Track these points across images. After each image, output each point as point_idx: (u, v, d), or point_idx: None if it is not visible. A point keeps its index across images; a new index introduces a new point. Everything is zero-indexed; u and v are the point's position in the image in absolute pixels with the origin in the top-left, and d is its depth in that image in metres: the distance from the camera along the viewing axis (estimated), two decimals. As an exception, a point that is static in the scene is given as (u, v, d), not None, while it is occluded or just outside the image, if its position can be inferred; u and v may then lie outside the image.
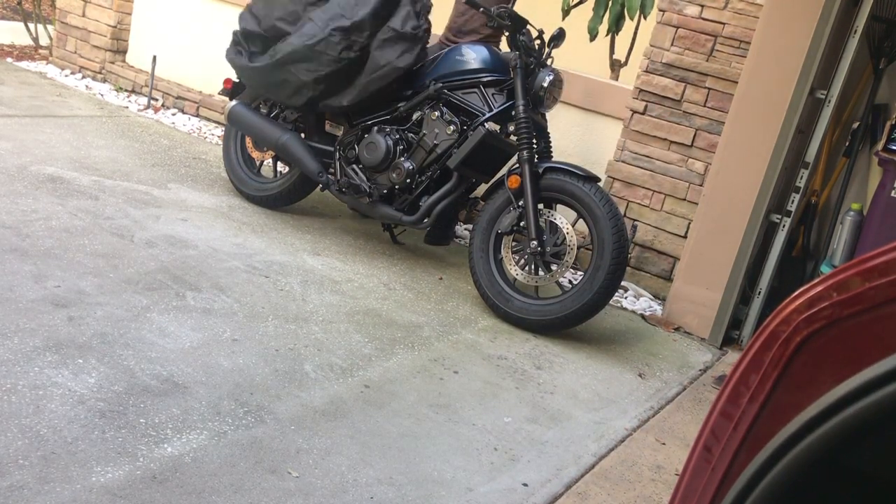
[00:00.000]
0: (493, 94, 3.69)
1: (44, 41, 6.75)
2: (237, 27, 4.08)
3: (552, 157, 3.74)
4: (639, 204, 4.30)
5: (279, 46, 3.80)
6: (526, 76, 3.58)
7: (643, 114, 4.23)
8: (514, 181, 3.53)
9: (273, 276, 3.35)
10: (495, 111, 3.65)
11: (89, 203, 3.64)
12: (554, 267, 3.50)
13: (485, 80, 3.70)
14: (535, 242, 3.45)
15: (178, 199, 3.98)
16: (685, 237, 4.13)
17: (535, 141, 3.57)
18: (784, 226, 3.80)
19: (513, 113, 3.58)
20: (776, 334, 0.94)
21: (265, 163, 4.39)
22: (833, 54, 3.64)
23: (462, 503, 2.18)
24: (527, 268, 3.53)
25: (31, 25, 6.72)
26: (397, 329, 3.15)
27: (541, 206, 3.52)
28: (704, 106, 4.10)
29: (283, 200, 4.20)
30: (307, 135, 4.14)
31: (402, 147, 3.80)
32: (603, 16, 4.22)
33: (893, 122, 3.80)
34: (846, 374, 0.80)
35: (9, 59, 6.26)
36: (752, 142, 3.69)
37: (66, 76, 6.18)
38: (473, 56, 3.75)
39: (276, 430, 2.29)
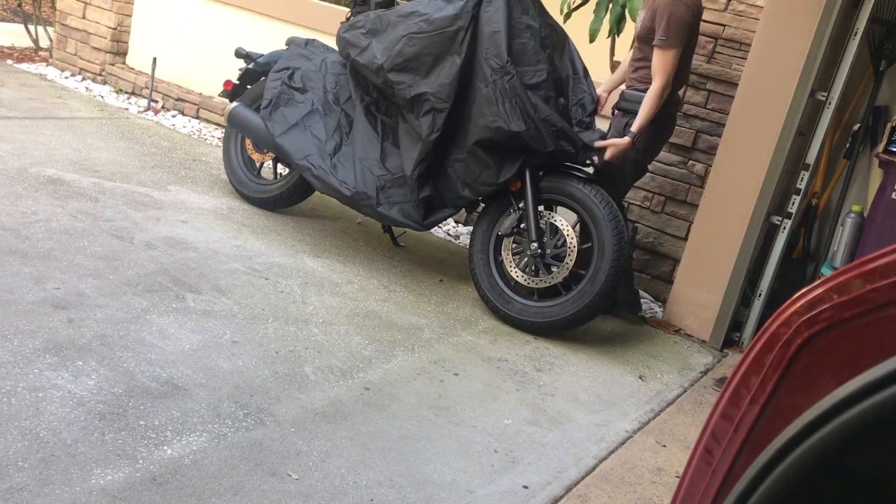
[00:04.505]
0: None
1: (44, 43, 6.75)
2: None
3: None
4: (639, 206, 4.30)
5: None
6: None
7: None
8: (514, 183, 3.53)
9: (273, 277, 3.35)
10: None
11: (89, 205, 3.64)
12: (554, 269, 3.50)
13: None
14: (535, 244, 3.45)
15: (178, 201, 3.98)
16: (685, 239, 4.12)
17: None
18: (784, 228, 3.80)
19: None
20: (777, 336, 0.94)
21: (265, 165, 4.39)
22: (833, 56, 3.63)
23: (462, 505, 2.17)
24: (527, 269, 3.52)
25: (32, 27, 6.72)
26: (397, 331, 3.15)
27: (541, 207, 3.52)
28: (705, 108, 4.10)
29: (283, 202, 4.20)
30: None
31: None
32: (604, 18, 4.22)
33: (894, 124, 3.80)
34: (847, 377, 0.80)
35: (9, 61, 6.26)
36: (753, 144, 3.68)
37: (66, 78, 6.18)
38: None
39: (276, 433, 2.28)
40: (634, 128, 3.50)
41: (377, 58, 3.64)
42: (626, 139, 3.50)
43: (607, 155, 3.52)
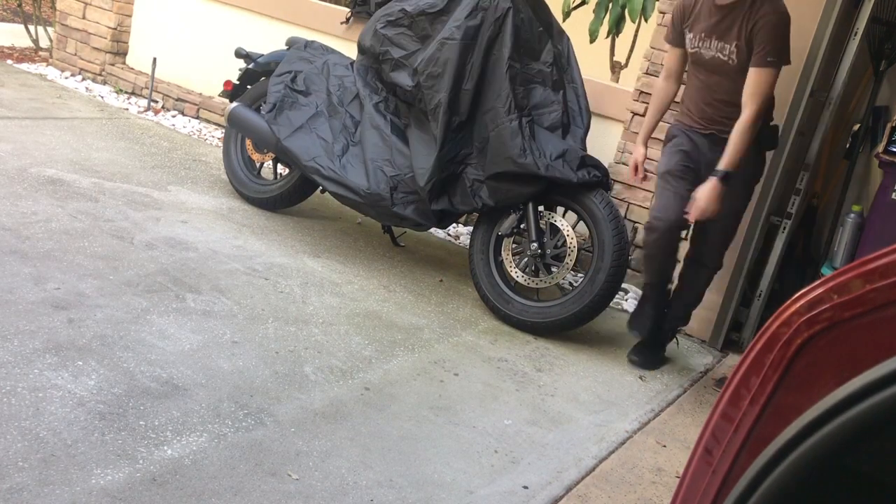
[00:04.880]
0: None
1: (44, 43, 6.75)
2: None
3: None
4: (639, 206, 4.30)
5: None
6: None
7: (644, 116, 4.22)
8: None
9: (273, 278, 3.35)
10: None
11: (89, 205, 3.64)
12: (554, 269, 3.50)
13: None
14: (535, 244, 3.45)
15: (178, 202, 3.98)
16: (686, 239, 4.12)
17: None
18: (785, 228, 3.80)
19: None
20: (777, 336, 0.94)
21: (265, 165, 4.39)
22: (833, 56, 3.63)
23: (462, 506, 2.17)
24: (527, 270, 3.52)
25: (32, 27, 6.72)
26: (397, 331, 3.15)
27: (541, 208, 3.52)
28: (705, 108, 4.08)
29: (283, 202, 4.20)
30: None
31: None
32: (603, 18, 4.22)
33: (894, 124, 3.80)
34: (847, 377, 0.80)
35: (9, 62, 6.27)
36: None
37: (67, 78, 6.18)
38: None
39: (276, 433, 2.28)
40: (722, 165, 3.01)
41: (418, 62, 3.58)
42: (713, 181, 3.01)
43: (693, 215, 3.08)
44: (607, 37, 4.40)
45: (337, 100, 3.89)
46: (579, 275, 4.23)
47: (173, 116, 5.73)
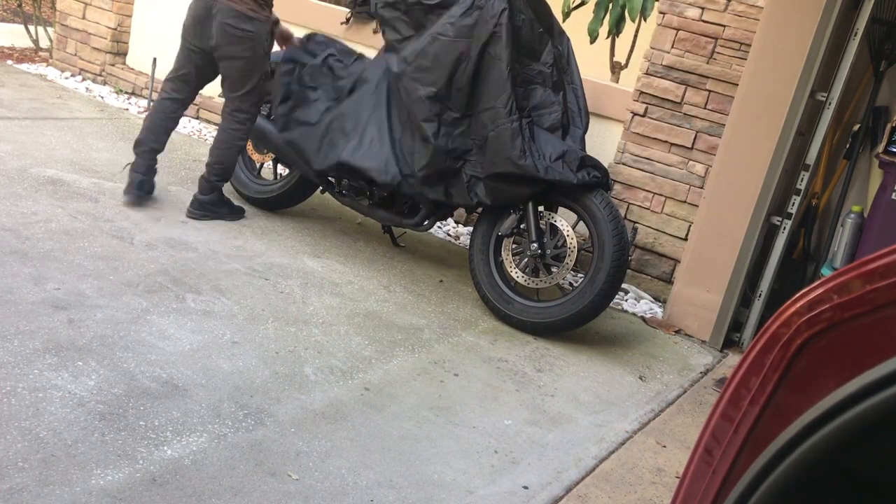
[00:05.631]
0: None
1: (44, 43, 6.75)
2: None
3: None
4: (639, 206, 4.30)
5: None
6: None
7: (643, 116, 4.23)
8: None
9: (273, 278, 3.35)
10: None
11: (89, 205, 3.64)
12: (554, 269, 3.50)
13: None
14: (535, 245, 3.45)
15: (177, 202, 3.98)
16: (686, 239, 4.12)
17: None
18: (785, 228, 3.80)
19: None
20: (777, 337, 0.94)
21: (265, 165, 4.39)
22: (833, 57, 3.63)
23: (462, 506, 2.17)
24: (527, 270, 3.53)
25: (32, 28, 6.72)
26: (397, 331, 3.15)
27: (541, 208, 3.52)
28: (705, 108, 4.10)
29: (283, 202, 4.20)
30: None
31: None
32: (603, 18, 4.22)
33: (894, 125, 3.79)
34: (847, 377, 0.80)
35: (9, 62, 6.26)
36: (753, 144, 3.68)
37: (67, 78, 6.18)
38: None
39: (276, 433, 2.28)
40: None
41: (408, 52, 3.58)
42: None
43: None
44: (607, 37, 4.40)
45: (342, 90, 3.89)
46: (579, 275, 4.23)
47: (173, 116, 5.73)
